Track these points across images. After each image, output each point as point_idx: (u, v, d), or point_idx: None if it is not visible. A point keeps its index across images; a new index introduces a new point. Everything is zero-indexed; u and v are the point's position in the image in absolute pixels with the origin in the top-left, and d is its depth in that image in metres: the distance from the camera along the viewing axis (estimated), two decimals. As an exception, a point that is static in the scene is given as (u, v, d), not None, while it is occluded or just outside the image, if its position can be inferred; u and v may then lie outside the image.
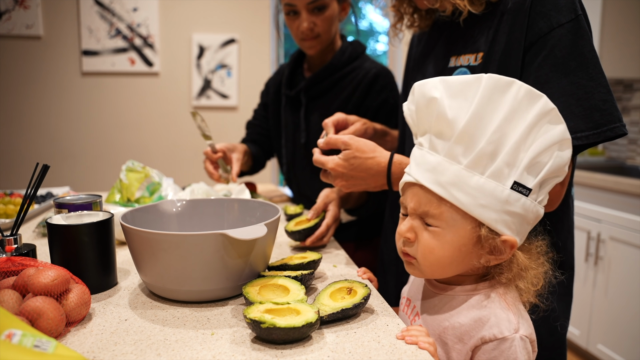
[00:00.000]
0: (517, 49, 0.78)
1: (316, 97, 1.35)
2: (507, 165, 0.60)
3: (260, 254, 0.74)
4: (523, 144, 0.60)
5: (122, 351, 0.58)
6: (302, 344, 0.60)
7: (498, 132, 0.60)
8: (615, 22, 2.57)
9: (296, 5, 1.21)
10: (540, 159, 0.61)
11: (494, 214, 0.61)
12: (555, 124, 0.61)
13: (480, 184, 0.60)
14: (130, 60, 3.13)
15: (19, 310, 0.59)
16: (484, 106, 0.61)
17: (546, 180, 0.63)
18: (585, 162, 2.70)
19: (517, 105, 0.61)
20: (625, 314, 2.05)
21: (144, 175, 1.23)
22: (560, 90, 0.73)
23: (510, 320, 0.62)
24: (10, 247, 0.79)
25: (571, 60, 0.74)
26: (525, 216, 0.62)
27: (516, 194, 0.61)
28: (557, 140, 0.61)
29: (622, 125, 0.72)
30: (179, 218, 0.91)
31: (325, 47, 1.33)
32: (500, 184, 0.60)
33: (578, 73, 0.73)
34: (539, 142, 0.61)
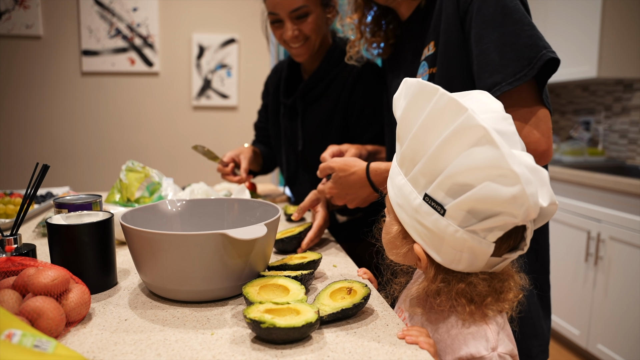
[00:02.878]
0: (456, 24, 0.84)
1: (311, 102, 1.34)
2: (422, 174, 0.58)
3: (260, 254, 0.74)
4: (440, 157, 0.56)
5: (122, 351, 0.58)
6: (302, 344, 0.60)
7: (415, 138, 0.59)
8: (615, 22, 2.57)
9: (279, 14, 1.21)
10: (461, 180, 0.54)
11: (407, 217, 0.61)
12: (483, 146, 0.53)
13: (401, 185, 0.62)
14: (130, 60, 3.13)
15: (19, 310, 0.59)
16: (409, 110, 0.61)
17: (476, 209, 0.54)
18: (585, 162, 2.70)
19: (436, 115, 0.57)
20: (625, 314, 2.05)
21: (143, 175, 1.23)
22: (494, 43, 0.78)
23: (489, 338, 0.60)
24: (10, 247, 0.79)
25: (497, 15, 0.79)
26: (441, 236, 0.57)
27: (427, 207, 0.58)
28: (483, 168, 0.53)
29: (549, 50, 0.76)
30: (179, 218, 0.91)
31: (317, 50, 1.31)
32: (414, 191, 0.60)
33: (505, 22, 0.78)
34: (460, 161, 0.54)
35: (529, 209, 0.52)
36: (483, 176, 0.53)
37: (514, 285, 0.62)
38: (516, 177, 0.51)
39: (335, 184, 0.98)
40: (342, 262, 0.94)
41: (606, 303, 2.15)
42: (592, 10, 2.61)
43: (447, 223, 0.56)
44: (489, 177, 0.53)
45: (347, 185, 0.97)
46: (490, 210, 0.54)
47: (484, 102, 0.61)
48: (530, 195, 0.52)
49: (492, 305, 0.60)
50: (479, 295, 0.60)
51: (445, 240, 0.57)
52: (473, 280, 0.60)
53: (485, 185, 0.53)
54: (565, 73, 2.85)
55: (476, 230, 0.56)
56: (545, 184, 0.56)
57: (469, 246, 0.56)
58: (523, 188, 0.51)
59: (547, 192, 0.56)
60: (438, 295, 0.62)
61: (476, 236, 0.56)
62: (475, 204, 0.54)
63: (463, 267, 0.59)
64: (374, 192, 0.95)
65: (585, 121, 3.11)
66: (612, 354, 2.10)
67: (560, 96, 3.39)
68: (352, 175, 0.96)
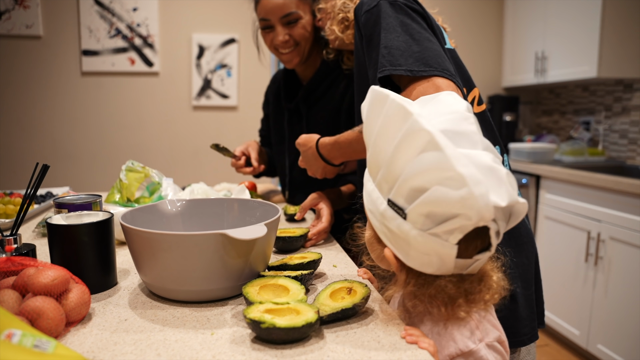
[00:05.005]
0: (360, 47, 0.96)
1: (314, 104, 1.35)
2: (385, 180, 0.59)
3: (260, 254, 0.74)
4: (395, 163, 0.57)
5: (122, 351, 0.58)
6: (302, 344, 0.60)
7: (375, 145, 0.61)
8: (615, 22, 2.57)
9: (270, 20, 1.24)
10: (415, 184, 0.55)
11: (377, 222, 0.62)
12: (429, 151, 0.53)
13: (370, 190, 0.63)
14: (130, 60, 3.13)
15: (19, 310, 0.59)
16: (369, 117, 0.63)
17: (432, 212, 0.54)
18: (585, 162, 2.70)
19: (388, 121, 0.58)
20: (625, 314, 2.05)
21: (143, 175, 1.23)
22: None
23: (473, 330, 0.61)
24: (10, 247, 0.79)
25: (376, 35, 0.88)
26: (407, 241, 0.57)
27: (391, 211, 0.58)
28: (432, 170, 0.53)
29: (391, 68, 0.84)
30: (179, 218, 0.91)
31: (310, 57, 1.33)
32: (381, 197, 0.61)
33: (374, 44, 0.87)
34: (410, 165, 0.55)
35: (480, 210, 0.52)
36: (433, 180, 0.53)
37: (491, 285, 0.61)
38: (462, 179, 0.51)
39: (302, 157, 1.13)
40: (342, 262, 0.94)
41: (606, 303, 2.15)
42: (592, 11, 2.61)
43: (410, 227, 0.57)
44: (438, 181, 0.53)
45: (307, 158, 1.10)
46: (446, 213, 0.54)
47: (447, 103, 0.61)
48: (480, 196, 0.51)
49: (463, 307, 0.60)
50: (449, 298, 0.60)
51: (411, 244, 0.58)
52: (441, 283, 0.60)
53: (436, 189, 0.53)
54: (565, 73, 2.85)
55: (437, 233, 0.55)
56: (502, 183, 0.55)
57: (434, 249, 0.56)
58: (470, 190, 0.51)
59: (505, 191, 0.54)
60: (414, 298, 0.62)
61: (438, 239, 0.56)
62: (431, 207, 0.54)
63: (433, 270, 0.59)
64: (327, 165, 1.08)
65: (586, 121, 3.11)
66: (612, 354, 2.10)
67: (560, 96, 3.39)
68: (309, 150, 1.09)
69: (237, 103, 3.31)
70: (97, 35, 3.07)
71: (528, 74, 3.21)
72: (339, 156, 1.05)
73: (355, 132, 0.98)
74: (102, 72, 3.12)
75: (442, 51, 0.86)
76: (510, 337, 0.88)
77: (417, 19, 0.89)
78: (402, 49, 0.84)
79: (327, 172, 1.11)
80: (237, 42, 3.24)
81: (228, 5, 3.21)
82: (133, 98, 3.20)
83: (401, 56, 0.83)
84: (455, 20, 3.47)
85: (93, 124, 3.18)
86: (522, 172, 2.69)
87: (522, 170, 2.69)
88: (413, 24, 0.87)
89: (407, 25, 0.87)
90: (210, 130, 3.31)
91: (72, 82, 3.11)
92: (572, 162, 2.69)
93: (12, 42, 3.00)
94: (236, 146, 3.28)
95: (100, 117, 3.18)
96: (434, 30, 0.92)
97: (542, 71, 3.04)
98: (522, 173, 2.69)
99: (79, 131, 3.16)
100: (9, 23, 2.95)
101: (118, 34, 3.09)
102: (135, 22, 3.10)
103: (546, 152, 2.74)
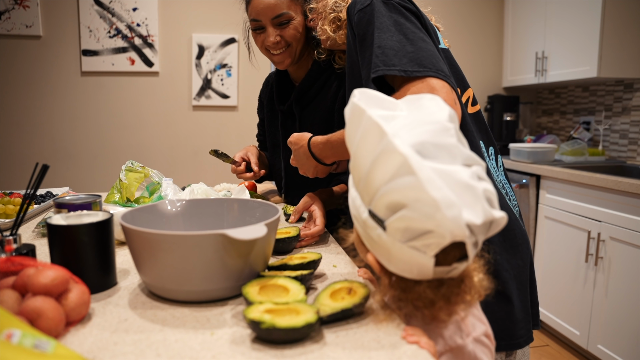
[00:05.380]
0: (353, 47, 0.96)
1: (307, 105, 1.35)
2: (365, 192, 0.59)
3: (260, 254, 0.74)
4: (372, 177, 0.57)
5: (122, 351, 0.58)
6: (302, 344, 0.60)
7: (355, 156, 0.61)
8: (615, 23, 2.57)
9: (262, 21, 1.24)
10: (392, 199, 0.55)
11: (360, 227, 0.63)
12: (403, 175, 0.54)
13: (354, 197, 0.63)
14: (130, 60, 3.13)
15: (19, 310, 0.59)
16: (349, 127, 0.62)
17: (410, 227, 0.55)
18: (586, 162, 2.70)
19: (365, 135, 0.58)
20: (625, 314, 2.05)
21: (143, 175, 1.23)
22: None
23: (460, 326, 0.62)
24: (10, 247, 0.79)
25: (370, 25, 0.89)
26: (387, 249, 0.58)
27: (372, 221, 0.59)
28: (406, 189, 0.54)
29: (383, 68, 0.85)
30: (179, 218, 0.91)
31: (302, 58, 1.32)
32: (362, 205, 0.61)
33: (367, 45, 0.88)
34: (387, 184, 0.56)
35: (453, 231, 0.53)
36: (409, 198, 0.54)
37: (472, 285, 0.61)
38: (434, 203, 0.52)
39: (293, 156, 1.12)
40: (342, 262, 0.94)
41: (606, 303, 2.15)
42: (592, 11, 2.61)
43: (389, 239, 0.57)
44: (413, 200, 0.53)
45: (299, 156, 1.10)
46: (422, 229, 0.54)
47: (430, 112, 0.60)
48: (452, 219, 0.52)
49: (444, 309, 0.61)
50: (429, 302, 0.61)
51: (391, 253, 0.58)
52: (419, 289, 0.60)
53: (412, 206, 0.54)
54: (565, 73, 2.85)
55: (415, 246, 0.56)
56: (479, 200, 0.55)
57: (413, 259, 0.57)
58: (443, 213, 0.52)
59: (481, 208, 0.55)
60: (398, 301, 0.63)
61: (416, 251, 0.56)
62: (408, 222, 0.55)
63: (414, 276, 0.60)
64: (319, 163, 1.07)
65: (586, 121, 3.11)
66: (612, 354, 2.10)
67: (560, 96, 3.39)
68: (301, 148, 1.09)
69: (237, 103, 3.31)
70: (97, 35, 3.07)
71: (528, 74, 3.21)
72: (331, 155, 1.04)
73: None
74: (102, 72, 3.12)
75: (436, 51, 0.86)
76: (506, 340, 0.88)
77: (411, 18, 0.89)
78: (396, 48, 0.84)
79: (319, 172, 1.10)
80: (237, 42, 3.24)
81: (228, 5, 3.21)
82: (133, 98, 3.20)
83: (395, 56, 0.83)
84: (455, 20, 3.47)
85: (93, 124, 3.17)
86: (522, 172, 2.69)
87: (522, 170, 2.69)
88: (407, 23, 0.87)
89: (401, 25, 0.86)
90: (210, 130, 3.31)
91: (72, 82, 3.11)
92: (572, 162, 2.69)
93: (12, 42, 3.00)
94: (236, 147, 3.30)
95: (100, 117, 3.18)
96: (428, 29, 0.91)
97: (542, 71, 3.04)
98: (522, 173, 2.69)
99: (78, 131, 3.16)
100: (9, 23, 2.95)
101: (118, 33, 3.09)
102: (135, 22, 3.10)
103: (546, 152, 2.74)
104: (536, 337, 2.61)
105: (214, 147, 3.27)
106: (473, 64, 3.52)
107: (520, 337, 0.90)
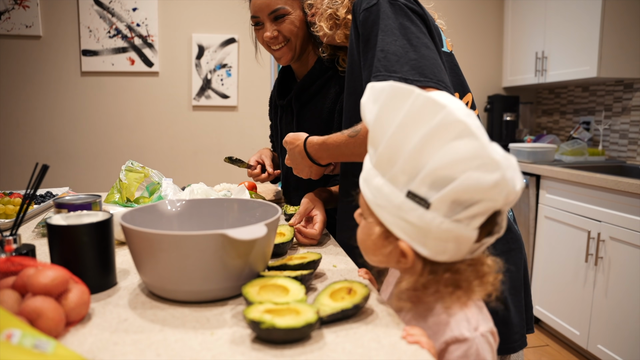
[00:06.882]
0: (356, 47, 0.95)
1: (307, 102, 1.36)
2: (402, 172, 0.60)
3: (259, 254, 0.74)
4: (421, 154, 0.58)
5: (122, 351, 0.58)
6: (302, 344, 0.60)
7: (393, 138, 0.61)
8: (615, 23, 2.57)
9: (260, 17, 1.26)
10: (444, 173, 0.57)
11: (389, 216, 0.62)
12: (464, 139, 0.56)
13: (380, 186, 0.63)
14: (130, 60, 3.13)
15: (19, 310, 0.59)
16: (384, 112, 0.63)
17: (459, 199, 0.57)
18: (585, 162, 2.70)
19: (413, 114, 0.59)
20: (625, 314, 2.05)
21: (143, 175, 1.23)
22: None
23: (469, 319, 0.62)
24: (10, 247, 0.79)
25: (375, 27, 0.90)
26: (426, 229, 0.59)
27: (411, 203, 0.59)
28: (466, 159, 0.56)
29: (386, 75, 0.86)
30: (179, 218, 0.91)
31: (304, 55, 1.34)
32: (396, 190, 0.61)
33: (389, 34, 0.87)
34: (441, 155, 0.57)
35: (509, 194, 0.57)
36: (465, 167, 0.56)
37: (489, 268, 0.65)
38: (497, 164, 0.55)
39: (288, 156, 1.11)
40: (342, 262, 0.94)
41: (606, 303, 2.15)
42: (592, 11, 2.61)
43: (433, 216, 0.58)
44: (471, 168, 0.56)
45: (294, 156, 1.09)
46: (473, 199, 0.57)
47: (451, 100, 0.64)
48: (510, 179, 0.56)
49: (479, 288, 0.63)
50: (466, 281, 0.63)
51: (430, 233, 0.59)
52: (460, 268, 0.63)
53: (468, 175, 0.55)
54: (565, 73, 2.85)
55: (460, 219, 0.58)
56: (517, 169, 0.59)
57: (454, 235, 0.59)
58: (503, 174, 0.55)
59: (519, 177, 0.59)
60: (426, 287, 0.64)
61: (461, 225, 0.58)
62: (459, 194, 0.57)
63: (447, 258, 0.62)
64: (314, 164, 1.06)
65: (585, 121, 3.11)
66: (612, 354, 2.10)
67: (560, 96, 3.39)
68: (296, 148, 1.07)
69: (236, 103, 3.31)
70: (96, 35, 3.07)
71: (528, 74, 3.21)
72: (326, 157, 1.04)
73: (345, 136, 0.97)
74: (102, 72, 3.12)
75: (438, 59, 0.86)
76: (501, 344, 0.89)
77: (417, 22, 0.88)
78: (399, 54, 0.84)
79: (313, 172, 1.10)
80: (237, 42, 3.24)
81: (228, 5, 3.21)
82: (133, 98, 3.20)
83: (397, 62, 0.83)
84: (455, 21, 3.47)
85: (93, 124, 3.17)
86: (522, 172, 2.67)
87: (522, 170, 2.68)
88: (412, 27, 0.87)
89: (406, 29, 0.86)
90: (210, 130, 3.31)
91: (72, 82, 3.11)
92: (572, 162, 2.69)
93: (12, 42, 3.00)
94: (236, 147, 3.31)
95: (100, 117, 3.18)
96: (432, 32, 0.91)
97: (542, 71, 3.04)
98: (522, 173, 2.67)
99: (78, 131, 3.16)
100: (9, 23, 2.95)
101: (118, 34, 3.09)
102: (135, 22, 3.10)
103: (546, 152, 2.74)
104: (536, 337, 2.61)
105: (214, 148, 3.29)
106: (473, 64, 3.52)
107: (515, 342, 0.90)
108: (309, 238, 1.06)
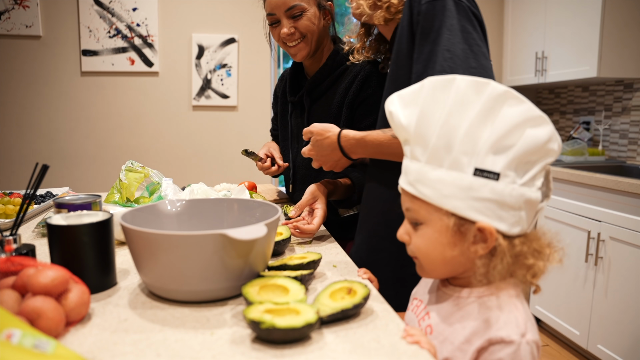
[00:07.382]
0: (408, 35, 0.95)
1: (317, 98, 1.38)
2: (464, 154, 0.61)
3: (259, 254, 0.74)
4: (477, 131, 0.61)
5: (122, 351, 0.58)
6: (302, 344, 0.60)
7: (446, 125, 0.62)
8: (615, 23, 2.57)
9: (276, 14, 1.28)
10: (504, 142, 0.60)
11: (459, 202, 0.62)
12: (513, 105, 0.61)
13: (441, 176, 0.63)
14: (130, 60, 3.13)
15: (19, 310, 0.59)
16: (428, 106, 0.65)
17: (522, 161, 0.61)
18: (585, 162, 2.70)
19: (461, 98, 0.62)
20: (625, 314, 2.05)
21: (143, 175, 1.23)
22: (424, 55, 0.89)
23: (519, 323, 0.61)
24: (10, 247, 0.79)
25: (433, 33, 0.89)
26: (501, 201, 0.61)
27: (480, 179, 0.61)
28: (520, 121, 0.60)
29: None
30: (178, 218, 0.91)
31: (318, 52, 1.36)
32: (461, 173, 0.62)
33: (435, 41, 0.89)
34: (497, 126, 0.60)
35: (560, 143, 0.61)
36: (522, 130, 0.60)
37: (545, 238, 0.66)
38: (544, 119, 0.60)
39: (312, 146, 1.09)
40: (342, 262, 0.94)
41: (606, 303, 2.15)
42: (592, 11, 2.61)
43: (503, 185, 0.60)
44: (527, 126, 0.60)
45: (322, 147, 1.07)
46: (532, 158, 0.61)
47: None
48: (554, 130, 0.61)
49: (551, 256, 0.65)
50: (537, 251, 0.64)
51: (505, 203, 0.61)
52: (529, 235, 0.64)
53: (527, 135, 0.59)
54: (565, 73, 2.85)
55: (526, 182, 0.61)
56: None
57: (525, 200, 0.61)
58: (551, 126, 0.60)
59: None
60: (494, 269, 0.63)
61: (528, 188, 0.61)
62: (522, 156, 0.60)
63: (520, 229, 0.63)
64: (342, 157, 1.06)
65: (585, 121, 3.11)
66: (612, 354, 2.10)
67: (560, 96, 3.39)
68: (326, 139, 1.06)
69: (236, 103, 3.31)
70: (96, 35, 3.07)
71: (528, 74, 3.21)
72: (361, 153, 1.04)
73: (387, 136, 0.97)
74: (101, 72, 3.12)
75: (492, 70, 0.88)
76: None
77: (477, 27, 0.89)
78: (462, 58, 0.85)
79: (339, 165, 1.10)
80: (237, 42, 3.24)
81: (228, 5, 3.21)
82: (133, 98, 3.20)
83: (460, 67, 0.85)
84: (455, 20, 3.46)
85: (93, 124, 3.17)
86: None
87: (522, 170, 2.68)
88: (474, 33, 0.88)
89: (468, 34, 0.87)
90: (210, 130, 3.31)
91: (71, 82, 3.11)
92: (572, 162, 2.69)
93: (12, 42, 3.00)
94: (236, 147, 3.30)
95: (100, 117, 3.18)
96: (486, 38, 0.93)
97: (542, 71, 3.04)
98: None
99: (78, 131, 3.16)
100: (9, 23, 2.95)
101: (118, 34, 3.09)
102: (135, 22, 3.10)
103: (546, 152, 2.74)
104: (536, 337, 2.61)
105: (214, 148, 3.29)
106: (473, 64, 3.52)
107: None
108: (305, 233, 1.08)
